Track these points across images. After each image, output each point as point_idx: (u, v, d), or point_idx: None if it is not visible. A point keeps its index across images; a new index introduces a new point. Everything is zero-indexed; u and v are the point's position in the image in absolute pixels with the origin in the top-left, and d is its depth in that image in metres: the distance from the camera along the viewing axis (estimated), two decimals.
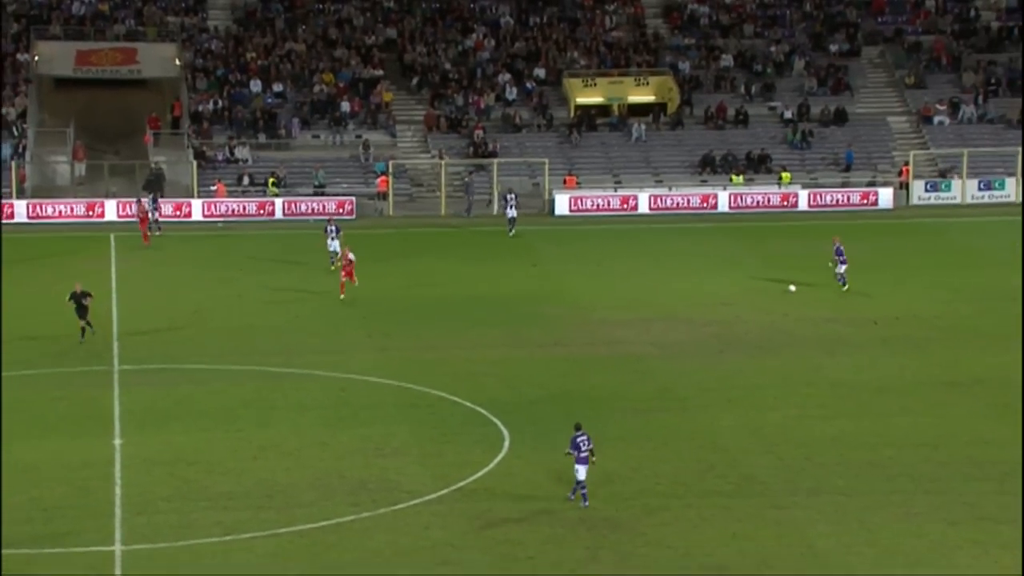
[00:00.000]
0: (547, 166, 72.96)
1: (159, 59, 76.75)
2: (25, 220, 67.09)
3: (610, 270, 58.14)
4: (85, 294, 45.84)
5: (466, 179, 72.37)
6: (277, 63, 78.10)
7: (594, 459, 32.03)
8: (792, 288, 52.33)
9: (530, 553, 29.89)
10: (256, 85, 76.64)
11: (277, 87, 76.81)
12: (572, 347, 46.28)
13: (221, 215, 69.08)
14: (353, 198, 70.36)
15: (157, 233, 63.94)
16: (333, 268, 55.31)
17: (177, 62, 76.83)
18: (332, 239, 57.12)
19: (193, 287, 54.64)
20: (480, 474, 34.40)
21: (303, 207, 69.74)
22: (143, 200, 65.03)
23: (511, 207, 64.37)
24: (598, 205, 71.91)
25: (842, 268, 52.76)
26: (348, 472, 34.49)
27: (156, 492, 33.19)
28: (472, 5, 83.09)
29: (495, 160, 73.11)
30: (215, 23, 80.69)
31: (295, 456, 35.66)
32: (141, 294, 53.54)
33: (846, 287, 52.53)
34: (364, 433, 37.28)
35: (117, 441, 36.71)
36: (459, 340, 46.98)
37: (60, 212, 68.05)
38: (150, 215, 64.22)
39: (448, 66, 79.23)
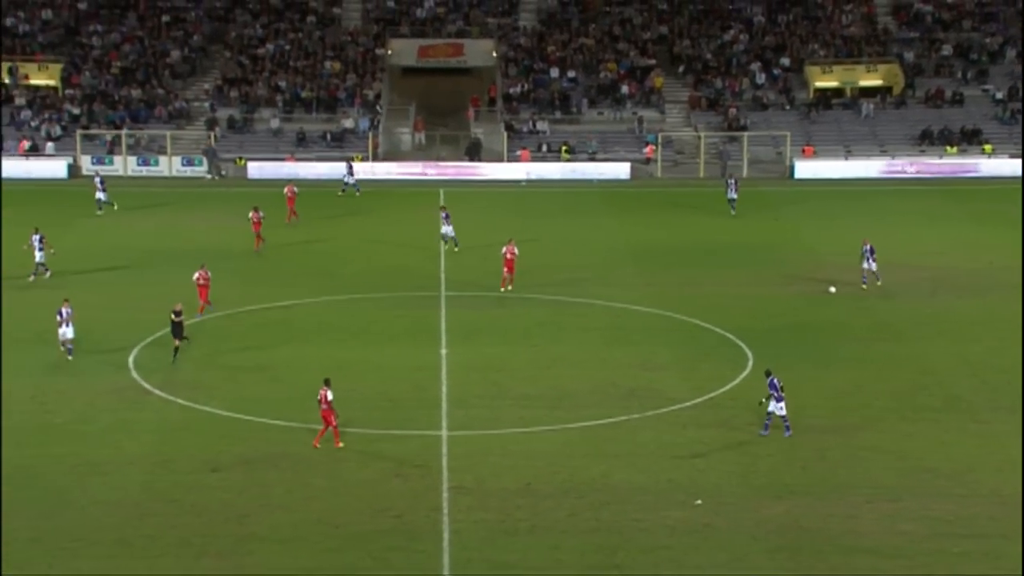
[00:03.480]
0: (788, 138, 70.86)
1: (480, 52, 77.83)
2: (377, 177, 69.19)
3: (840, 224, 56.22)
4: (179, 314, 36.11)
5: (721, 148, 71.00)
6: (571, 54, 78.07)
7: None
8: (832, 290, 43.65)
9: (769, 452, 29.42)
10: (554, 72, 76.84)
11: (571, 74, 76.84)
12: (805, 285, 45.06)
13: (525, 175, 69.65)
14: (629, 163, 70.00)
15: (354, 192, 61.88)
16: (445, 248, 49.91)
17: (494, 54, 77.70)
18: (445, 224, 50.24)
19: (501, 231, 55.17)
20: (728, 387, 34.01)
21: (589, 169, 69.73)
22: (257, 208, 50.17)
23: (732, 189, 58.21)
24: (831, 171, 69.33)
25: (872, 266, 43.71)
26: (621, 381, 34.56)
27: (472, 391, 33.99)
28: (730, 6, 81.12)
29: (745, 133, 71.45)
30: (524, 23, 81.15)
31: (579, 367, 35.91)
32: (462, 235, 54.56)
33: (879, 282, 43.78)
34: (634, 351, 37.27)
35: (443, 350, 37.64)
36: (712, 278, 46.33)
37: (404, 171, 69.86)
38: (348, 180, 62.00)
39: (709, 56, 77.71)
